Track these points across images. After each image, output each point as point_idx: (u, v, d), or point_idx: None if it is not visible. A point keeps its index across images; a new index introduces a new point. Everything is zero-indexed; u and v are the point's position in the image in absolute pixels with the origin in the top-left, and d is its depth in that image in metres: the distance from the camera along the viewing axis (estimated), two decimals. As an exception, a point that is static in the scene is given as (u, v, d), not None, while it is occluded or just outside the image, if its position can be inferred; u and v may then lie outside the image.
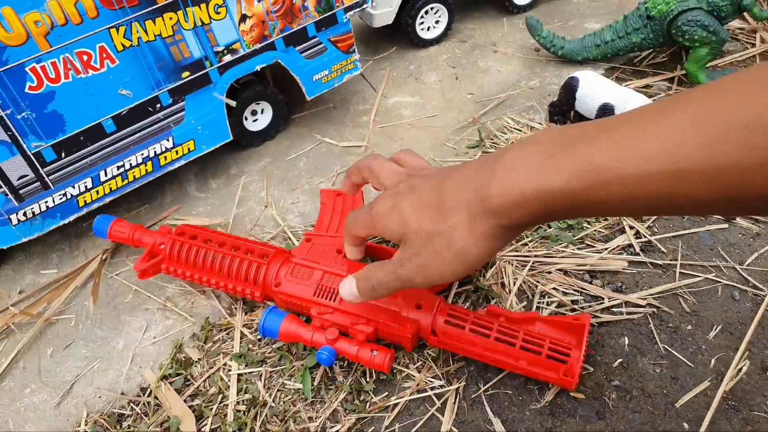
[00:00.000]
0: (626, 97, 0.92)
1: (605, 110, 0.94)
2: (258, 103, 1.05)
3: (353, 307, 0.66)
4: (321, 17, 1.00)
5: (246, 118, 1.05)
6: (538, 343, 0.61)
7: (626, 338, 0.69)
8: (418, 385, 0.65)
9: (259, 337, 0.74)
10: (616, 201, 0.38)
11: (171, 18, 0.87)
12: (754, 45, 1.11)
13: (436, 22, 1.22)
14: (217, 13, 0.91)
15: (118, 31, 0.84)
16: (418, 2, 1.17)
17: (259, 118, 1.07)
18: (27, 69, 0.80)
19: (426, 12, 1.19)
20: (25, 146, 0.84)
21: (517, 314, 0.65)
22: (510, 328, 0.62)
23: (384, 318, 0.64)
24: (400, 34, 1.23)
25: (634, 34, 1.05)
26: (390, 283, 0.53)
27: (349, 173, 0.64)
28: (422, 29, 1.22)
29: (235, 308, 0.78)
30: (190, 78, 0.93)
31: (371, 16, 1.17)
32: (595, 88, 0.95)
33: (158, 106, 0.92)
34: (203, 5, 0.89)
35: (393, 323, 0.64)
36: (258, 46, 0.96)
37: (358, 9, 1.03)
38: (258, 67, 0.98)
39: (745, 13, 1.00)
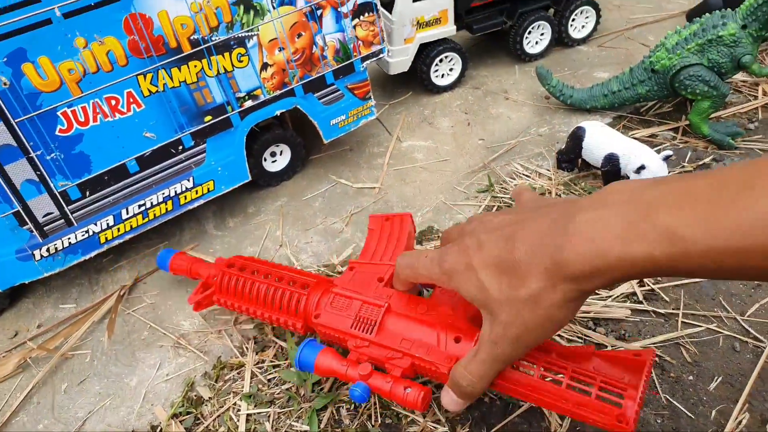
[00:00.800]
0: (631, 148, 0.94)
1: (611, 160, 0.96)
2: (277, 145, 1.09)
3: (389, 341, 0.62)
4: (339, 66, 1.04)
5: (265, 159, 1.09)
6: (588, 382, 0.54)
7: (630, 388, 0.70)
8: (422, 430, 0.67)
9: (269, 377, 0.75)
10: (701, 271, 0.38)
11: (196, 66, 0.92)
12: (756, 97, 1.14)
13: (450, 69, 1.26)
14: (240, 61, 0.95)
15: (145, 77, 0.89)
16: (433, 51, 1.21)
17: (278, 159, 1.11)
18: (59, 113, 0.85)
19: (440, 60, 1.23)
20: (52, 185, 0.88)
21: (570, 348, 0.59)
22: (557, 364, 0.56)
23: (421, 352, 0.60)
24: (416, 80, 1.27)
25: (640, 86, 1.08)
26: (490, 371, 0.51)
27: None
28: (437, 76, 1.26)
29: (247, 348, 0.80)
30: (212, 122, 0.97)
31: (388, 63, 1.21)
32: (601, 138, 0.98)
33: (180, 148, 0.96)
34: (227, 54, 0.94)
35: (429, 358, 0.59)
36: (278, 92, 1.00)
37: (374, 58, 1.07)
38: (278, 112, 1.02)
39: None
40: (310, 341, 0.65)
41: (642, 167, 0.92)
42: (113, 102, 0.88)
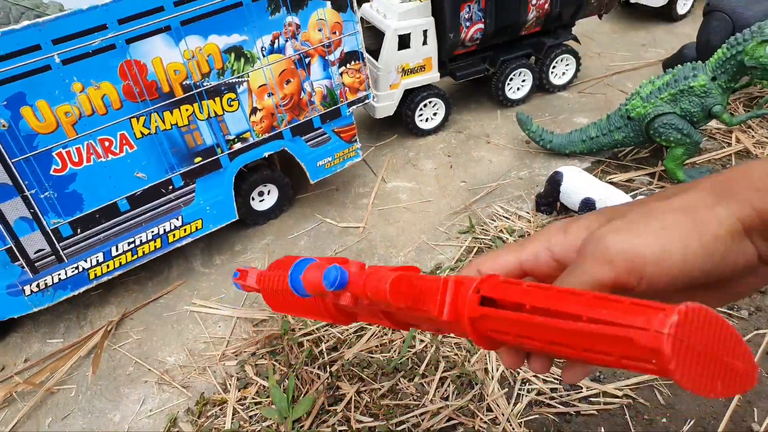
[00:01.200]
0: (607, 193, 0.98)
1: (587, 204, 1.00)
2: (265, 185, 1.13)
3: None
4: (326, 111, 1.09)
5: (253, 198, 1.12)
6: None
7: (603, 428, 0.72)
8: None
9: (250, 414, 0.77)
10: None
11: (187, 110, 0.96)
12: (729, 144, 1.18)
13: (434, 114, 1.31)
14: (230, 106, 0.99)
15: (138, 120, 0.93)
16: (417, 97, 1.26)
17: (266, 198, 1.14)
18: (54, 154, 0.88)
19: (425, 105, 1.28)
20: (45, 223, 0.91)
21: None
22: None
23: None
24: (401, 123, 1.32)
25: (617, 132, 1.13)
26: None
27: None
28: (421, 120, 1.30)
29: (229, 384, 0.82)
30: (202, 163, 1.00)
31: (374, 108, 1.26)
32: (578, 183, 1.02)
33: (170, 187, 0.99)
34: (217, 99, 0.98)
35: None
36: (267, 135, 1.04)
37: (360, 103, 1.12)
38: (266, 154, 1.06)
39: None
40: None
41: (615, 211, 0.96)
42: (107, 143, 0.92)
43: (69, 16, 0.82)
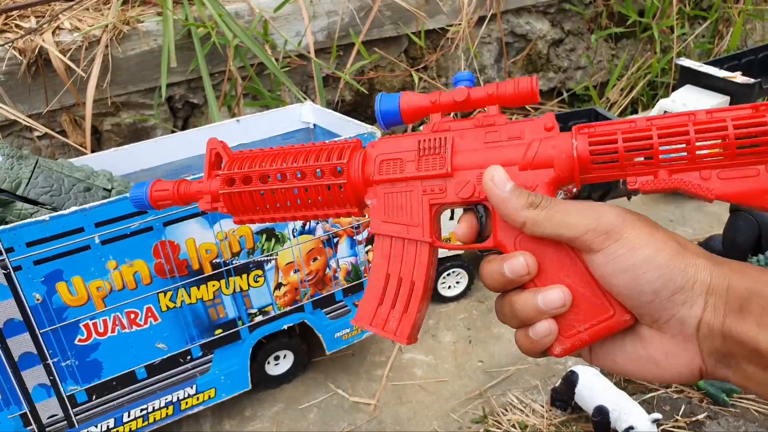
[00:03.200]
0: (622, 405, 0.96)
1: (601, 412, 0.97)
2: (281, 350, 1.14)
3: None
4: (349, 285, 1.11)
5: (268, 363, 1.13)
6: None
7: None
8: None
9: None
10: None
11: (214, 285, 0.99)
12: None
13: (457, 282, 1.32)
14: (256, 281, 1.02)
15: (165, 294, 0.96)
16: (441, 266, 1.28)
17: (281, 362, 1.15)
18: (81, 325, 0.91)
19: (448, 274, 1.30)
20: (62, 389, 0.93)
21: None
22: None
23: None
24: (424, 286, 1.33)
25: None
26: None
27: None
28: (444, 287, 1.31)
29: None
30: (222, 335, 1.02)
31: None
32: (593, 387, 1.00)
33: (189, 357, 1.01)
34: (244, 275, 1.01)
35: None
36: (288, 308, 1.07)
37: (383, 279, 1.14)
38: (285, 326, 1.07)
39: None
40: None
41: (630, 428, 0.94)
42: (132, 315, 0.95)
43: (113, 203, 0.88)
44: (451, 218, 1.25)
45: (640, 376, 0.42)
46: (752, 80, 1.50)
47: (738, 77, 1.52)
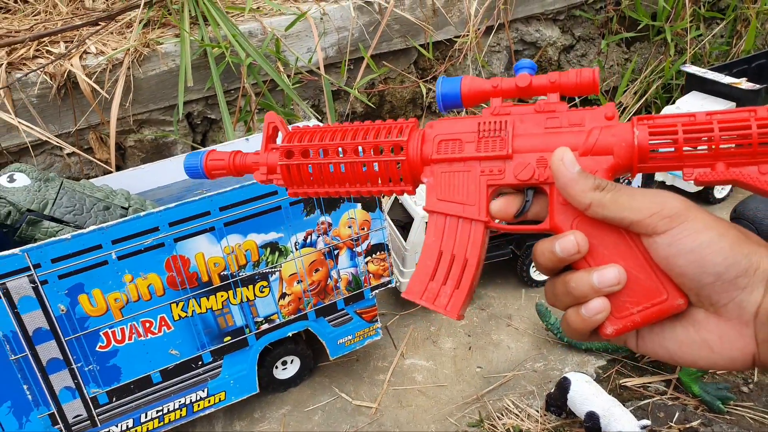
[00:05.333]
0: (612, 411, 1.00)
1: (592, 418, 1.01)
2: (288, 356, 1.21)
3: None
4: (350, 294, 1.17)
5: (276, 367, 1.20)
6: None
7: None
8: None
9: None
10: None
11: (222, 296, 1.07)
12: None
13: (459, 290, 1.37)
14: (262, 292, 1.09)
15: (177, 305, 1.04)
16: (443, 275, 1.33)
17: (288, 367, 1.22)
18: (101, 333, 1.00)
19: (450, 282, 1.35)
20: (85, 392, 1.01)
21: None
22: None
23: None
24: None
25: (631, 338, 1.15)
26: None
27: None
28: (445, 295, 1.36)
29: None
30: (230, 341, 1.10)
31: (401, 284, 1.33)
32: (584, 393, 1.04)
33: (200, 363, 1.08)
34: (251, 286, 1.08)
35: None
36: (293, 316, 1.13)
37: (383, 288, 1.20)
38: (290, 333, 1.14)
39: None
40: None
41: (618, 433, 0.98)
42: (147, 324, 1.03)
43: (128, 221, 0.96)
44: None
45: (691, 361, 0.42)
46: (757, 86, 1.51)
47: (743, 83, 1.53)
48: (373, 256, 1.17)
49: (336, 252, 1.13)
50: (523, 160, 0.47)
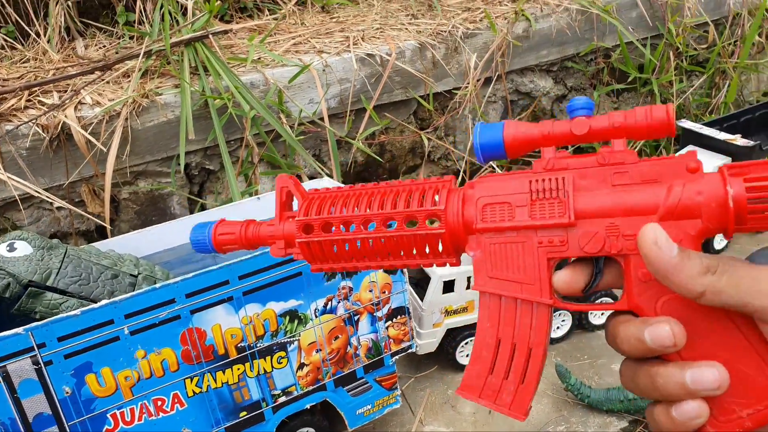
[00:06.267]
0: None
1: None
2: (304, 428, 1.14)
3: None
4: (370, 362, 1.12)
5: (291, 440, 1.13)
6: None
7: None
8: None
9: None
10: None
11: (239, 369, 1.00)
12: None
13: (475, 350, 1.33)
14: (279, 363, 1.04)
15: (192, 380, 0.97)
16: (459, 335, 1.29)
17: (303, 440, 1.15)
18: (108, 415, 0.92)
19: (466, 342, 1.31)
20: (88, 480, 0.93)
21: None
22: None
23: None
24: (442, 355, 1.34)
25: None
26: None
27: None
28: (461, 356, 1.32)
29: None
30: (246, 417, 1.03)
31: (416, 345, 1.29)
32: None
33: (213, 442, 1.01)
34: (268, 357, 1.02)
35: None
36: (311, 387, 1.07)
37: (403, 353, 1.15)
38: (308, 406, 1.08)
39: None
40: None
41: None
42: (159, 402, 0.96)
43: (143, 294, 0.90)
44: (468, 287, 1.27)
45: None
46: (752, 142, 1.53)
47: (738, 140, 1.56)
48: (394, 320, 1.12)
49: (356, 318, 1.08)
50: (589, 228, 0.40)
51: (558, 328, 1.38)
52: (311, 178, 1.81)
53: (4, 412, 0.84)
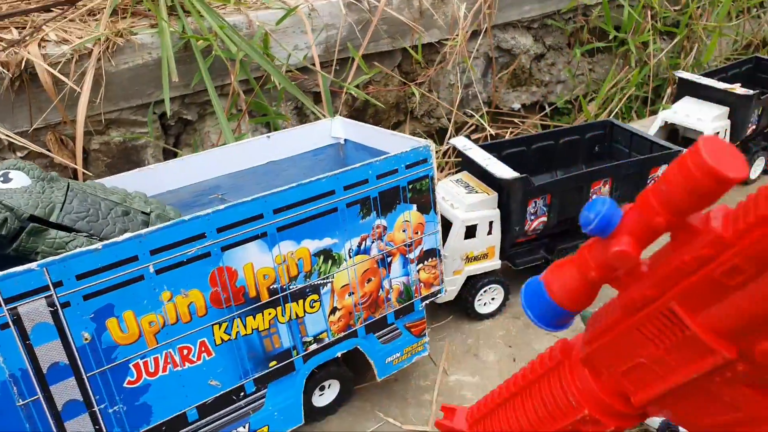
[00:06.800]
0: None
1: (669, 426, 0.96)
2: (327, 380, 1.06)
3: None
4: (401, 306, 1.05)
5: (314, 393, 1.05)
6: None
7: None
8: None
9: None
10: None
11: (270, 313, 0.91)
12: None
13: (492, 298, 1.29)
14: (312, 307, 0.95)
15: (220, 326, 0.87)
16: (479, 283, 1.24)
17: (326, 392, 1.07)
18: (131, 365, 0.82)
19: (485, 290, 1.26)
20: (108, 439, 0.82)
21: None
22: None
23: None
24: (456, 305, 1.29)
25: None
26: None
27: None
28: (480, 304, 1.28)
29: None
30: (276, 367, 0.94)
31: (444, 290, 1.23)
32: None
33: (242, 394, 0.92)
34: (300, 301, 0.94)
35: None
36: (342, 334, 1.00)
37: (433, 297, 1.09)
38: (339, 354, 1.00)
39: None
40: None
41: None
42: (185, 351, 0.86)
43: (171, 227, 0.79)
44: (489, 233, 1.22)
45: None
46: (751, 91, 1.55)
47: (737, 89, 1.57)
48: (425, 263, 1.05)
49: (389, 259, 1.01)
50: None
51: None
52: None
53: (14, 363, 0.72)
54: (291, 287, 0.92)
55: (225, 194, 1.14)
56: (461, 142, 1.33)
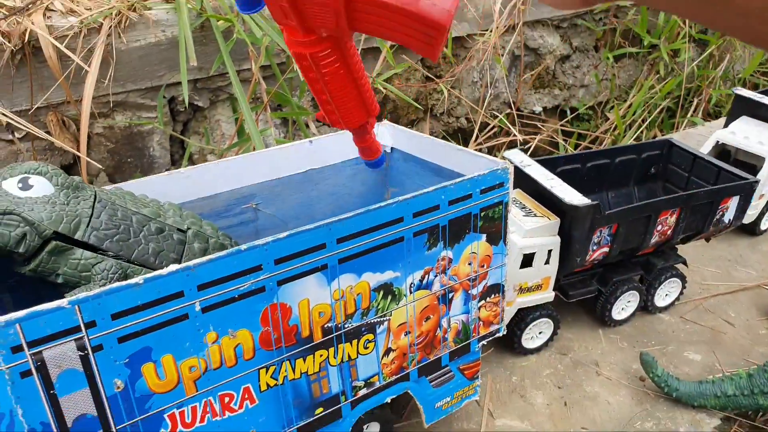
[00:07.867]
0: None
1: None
2: (370, 422, 0.95)
3: None
4: (456, 347, 0.94)
5: (351, 437, 0.94)
6: None
7: None
8: None
9: None
10: None
11: (321, 355, 0.79)
12: None
13: (540, 332, 1.18)
14: (366, 348, 0.83)
15: (267, 370, 0.75)
16: (529, 316, 1.14)
17: (364, 435, 0.96)
18: (165, 415, 0.69)
19: (535, 324, 1.16)
20: (133, 501, 0.70)
21: None
22: None
23: None
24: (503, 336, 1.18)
25: (762, 397, 1.02)
26: None
27: None
28: (527, 338, 1.17)
29: None
30: (322, 414, 0.82)
31: (503, 329, 1.12)
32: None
33: (283, 445, 0.80)
34: (355, 341, 0.82)
35: None
36: (394, 377, 0.88)
37: (491, 338, 0.98)
38: (388, 399, 0.89)
39: None
40: None
41: None
42: (227, 399, 0.73)
43: (224, 258, 0.66)
44: (546, 263, 1.11)
45: None
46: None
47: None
48: (487, 299, 0.94)
49: (450, 295, 0.89)
50: None
51: (623, 309, 1.26)
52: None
53: (34, 416, 0.59)
54: (346, 326, 0.80)
55: (260, 204, 1.01)
56: (518, 157, 1.21)
